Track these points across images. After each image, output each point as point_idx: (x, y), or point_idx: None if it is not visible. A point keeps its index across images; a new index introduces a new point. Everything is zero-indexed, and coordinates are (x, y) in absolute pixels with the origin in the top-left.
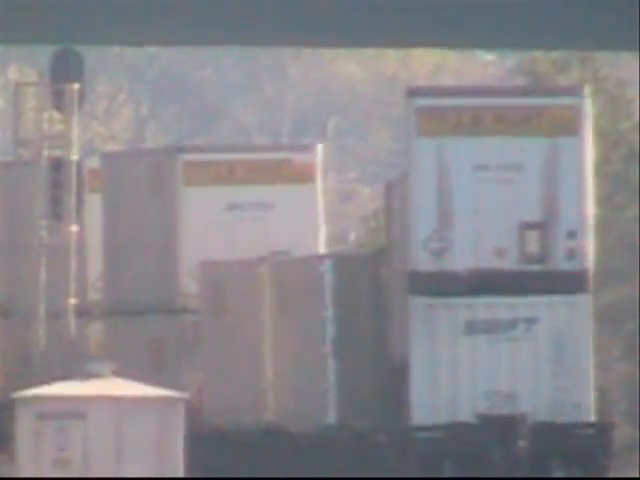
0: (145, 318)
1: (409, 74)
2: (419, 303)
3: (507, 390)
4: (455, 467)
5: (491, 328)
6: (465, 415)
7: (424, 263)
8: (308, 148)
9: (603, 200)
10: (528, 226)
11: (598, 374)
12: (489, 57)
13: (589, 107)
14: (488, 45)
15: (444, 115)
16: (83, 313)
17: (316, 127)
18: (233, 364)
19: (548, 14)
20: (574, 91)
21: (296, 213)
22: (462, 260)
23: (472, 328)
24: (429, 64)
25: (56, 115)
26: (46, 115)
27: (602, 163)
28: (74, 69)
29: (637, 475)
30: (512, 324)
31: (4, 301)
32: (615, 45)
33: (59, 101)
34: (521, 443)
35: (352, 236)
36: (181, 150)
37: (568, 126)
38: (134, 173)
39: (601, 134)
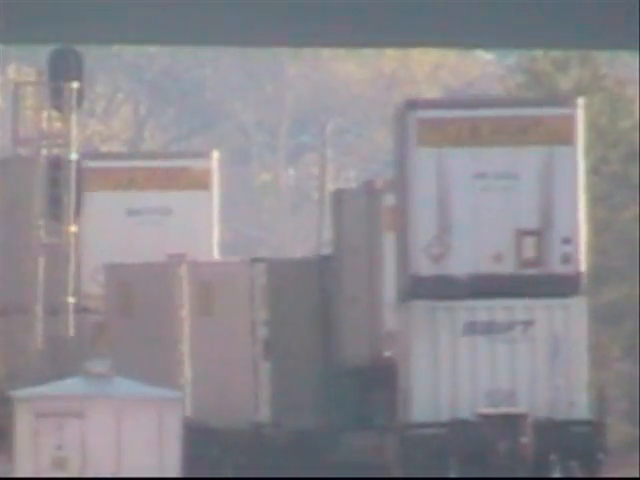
0: (48, 318)
1: (408, 73)
2: (420, 306)
3: (506, 389)
4: (459, 463)
5: (490, 330)
6: (465, 413)
7: (425, 268)
8: (205, 155)
9: (602, 200)
10: (525, 232)
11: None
12: (488, 56)
13: (583, 117)
14: (487, 44)
15: (443, 126)
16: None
17: (315, 126)
18: (145, 363)
19: (547, 13)
20: (569, 101)
21: (193, 218)
22: (462, 265)
23: (471, 330)
24: (428, 63)
25: (55, 114)
26: (45, 114)
27: (601, 162)
28: (73, 68)
29: (637, 475)
30: (510, 326)
31: (3, 300)
32: (615, 44)
33: (58, 100)
34: (523, 440)
35: None
36: (84, 157)
37: (563, 136)
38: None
39: (600, 133)
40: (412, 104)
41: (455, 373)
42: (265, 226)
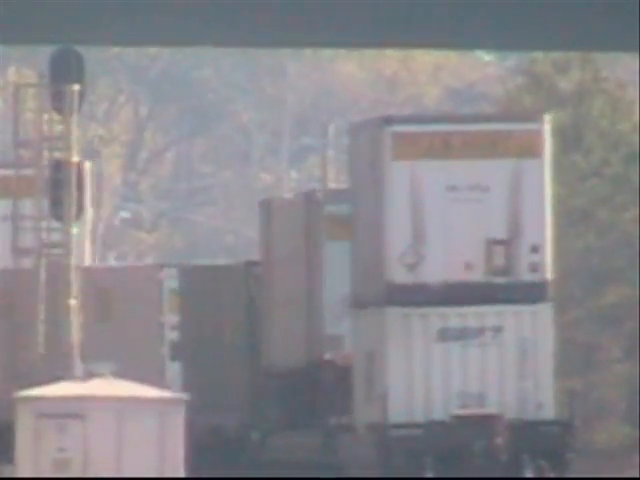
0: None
1: (409, 74)
2: (395, 312)
3: (477, 391)
4: (435, 462)
5: (461, 335)
6: (439, 414)
7: (400, 276)
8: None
9: (603, 201)
10: (494, 242)
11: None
12: (489, 58)
13: (549, 132)
14: (488, 46)
15: (417, 140)
16: None
17: (317, 128)
18: (43, 363)
19: (548, 15)
20: (536, 117)
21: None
22: (434, 273)
23: (444, 335)
24: (429, 64)
25: (56, 116)
26: (46, 116)
27: (602, 164)
28: (74, 70)
29: (637, 475)
30: (480, 331)
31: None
32: (615, 46)
33: (59, 102)
34: (498, 440)
35: None
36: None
37: (530, 149)
38: None
39: (601, 135)
40: (387, 119)
41: (428, 376)
42: None
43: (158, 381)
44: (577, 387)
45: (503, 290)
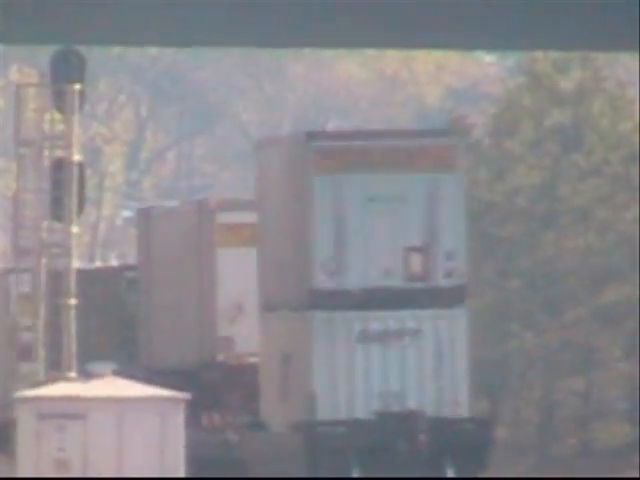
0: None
1: (410, 74)
2: (319, 316)
3: (396, 390)
4: (360, 459)
5: (382, 337)
6: (362, 412)
7: (323, 282)
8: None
9: (603, 201)
10: (412, 249)
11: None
12: (489, 58)
13: (464, 146)
14: (488, 46)
15: (339, 155)
16: None
17: (317, 127)
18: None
19: (548, 15)
20: (451, 132)
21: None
22: (356, 279)
23: (365, 338)
24: (430, 64)
25: (57, 116)
26: (47, 116)
27: (602, 164)
28: (75, 70)
29: (637, 475)
30: (400, 334)
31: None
32: (615, 46)
33: (60, 102)
34: (421, 437)
35: None
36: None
37: (446, 163)
38: None
39: (601, 135)
40: (310, 135)
41: (351, 377)
42: None
43: (7, 382)
44: (578, 387)
45: (421, 295)
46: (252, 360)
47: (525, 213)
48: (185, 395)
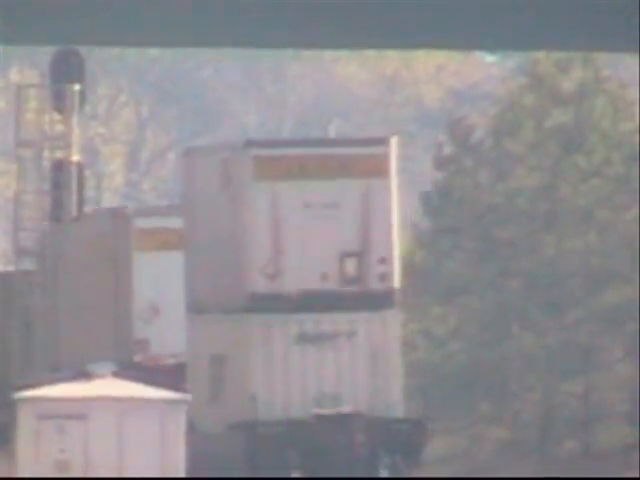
0: None
1: (410, 75)
2: (257, 319)
3: (332, 391)
4: (300, 459)
5: (318, 339)
6: (299, 413)
7: (261, 285)
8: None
9: (604, 201)
10: (347, 254)
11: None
12: (491, 58)
13: (395, 154)
14: (490, 46)
15: (276, 162)
16: None
17: (317, 128)
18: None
19: (549, 15)
20: (383, 141)
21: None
22: (293, 283)
23: (302, 340)
24: (431, 65)
25: (57, 116)
26: (47, 116)
27: (603, 164)
28: (75, 70)
29: (637, 476)
30: (335, 336)
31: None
32: (616, 46)
33: (60, 102)
34: (358, 437)
35: None
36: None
37: (378, 171)
38: None
39: (602, 135)
40: (248, 143)
41: (288, 378)
42: None
43: None
44: (578, 388)
45: (355, 298)
46: (169, 362)
47: (526, 214)
48: (186, 396)
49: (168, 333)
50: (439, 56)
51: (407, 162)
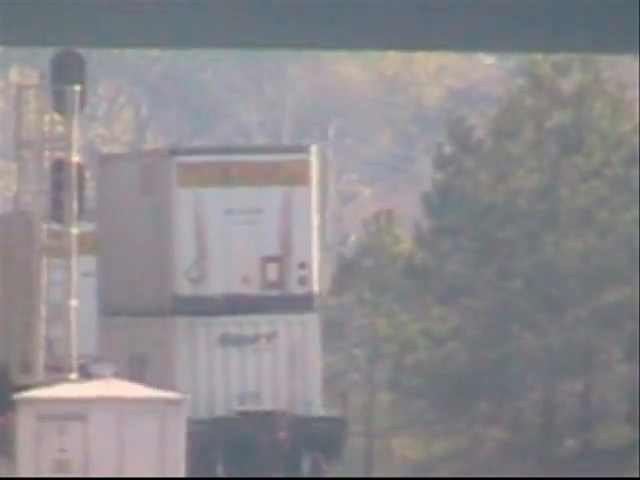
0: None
1: (410, 76)
2: (181, 321)
3: (254, 391)
4: (225, 456)
5: (240, 341)
6: (222, 412)
7: (185, 289)
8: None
9: (603, 202)
10: (268, 259)
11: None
12: (490, 59)
13: (316, 162)
14: (489, 47)
15: (199, 169)
16: None
17: (317, 128)
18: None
19: (549, 16)
20: (304, 149)
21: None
22: (216, 286)
23: (225, 341)
24: (430, 66)
25: (57, 117)
26: (47, 117)
27: (603, 165)
28: (75, 71)
29: (637, 475)
30: (257, 338)
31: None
32: (616, 47)
33: (60, 103)
34: (281, 434)
35: (352, 238)
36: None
37: (299, 178)
38: None
39: (602, 136)
40: (172, 151)
41: (211, 378)
42: None
43: None
44: (578, 388)
45: (276, 301)
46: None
47: (525, 214)
48: (185, 396)
49: (74, 335)
50: (439, 57)
51: (407, 163)
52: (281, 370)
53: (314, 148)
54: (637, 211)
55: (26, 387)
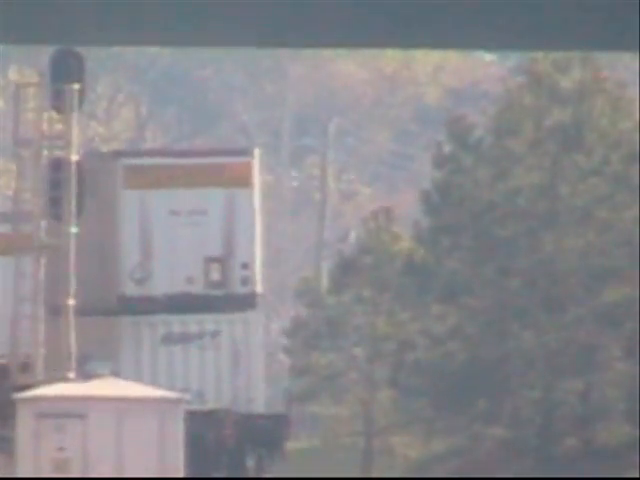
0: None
1: (410, 74)
2: (126, 321)
3: (197, 388)
4: None
5: (184, 339)
6: None
7: (130, 289)
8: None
9: (603, 200)
10: (211, 259)
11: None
12: (490, 57)
13: (258, 165)
14: (489, 45)
15: (145, 172)
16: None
17: (316, 127)
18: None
19: (549, 15)
20: (246, 152)
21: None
22: (160, 286)
23: (169, 340)
24: (430, 64)
25: (56, 116)
26: (46, 115)
27: (603, 163)
28: (74, 70)
29: (637, 475)
30: (200, 336)
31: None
32: (615, 45)
33: (59, 101)
34: (227, 431)
35: (352, 236)
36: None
37: (242, 180)
38: None
39: (601, 134)
40: (117, 153)
41: (156, 375)
42: (266, 226)
43: None
44: (578, 386)
45: (219, 300)
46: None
47: (525, 213)
48: (184, 395)
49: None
50: (438, 55)
51: (407, 161)
52: (224, 368)
53: (256, 151)
54: (637, 209)
55: (26, 386)
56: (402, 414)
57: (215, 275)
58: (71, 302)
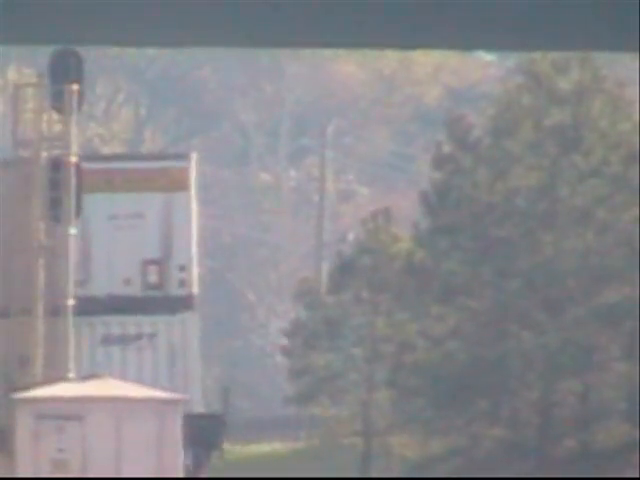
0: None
1: (409, 74)
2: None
3: None
4: None
5: (122, 340)
6: None
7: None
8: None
9: (603, 201)
10: (149, 261)
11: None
12: (489, 58)
13: (195, 169)
14: (488, 46)
15: (84, 176)
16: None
17: (315, 127)
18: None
19: (548, 15)
20: (185, 156)
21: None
22: (100, 287)
23: (107, 340)
24: (429, 64)
25: (55, 116)
26: (45, 116)
27: (602, 164)
28: (73, 70)
29: (637, 475)
30: (138, 337)
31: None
32: (615, 46)
33: (58, 102)
34: None
35: (350, 236)
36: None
37: (179, 184)
38: None
39: (601, 135)
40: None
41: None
42: (265, 227)
43: None
44: (577, 387)
45: (157, 302)
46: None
47: (524, 213)
48: (183, 396)
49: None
50: (438, 56)
51: (406, 161)
52: (162, 369)
53: (194, 155)
54: (636, 210)
55: (25, 387)
56: (401, 415)
57: (153, 277)
58: (70, 302)
